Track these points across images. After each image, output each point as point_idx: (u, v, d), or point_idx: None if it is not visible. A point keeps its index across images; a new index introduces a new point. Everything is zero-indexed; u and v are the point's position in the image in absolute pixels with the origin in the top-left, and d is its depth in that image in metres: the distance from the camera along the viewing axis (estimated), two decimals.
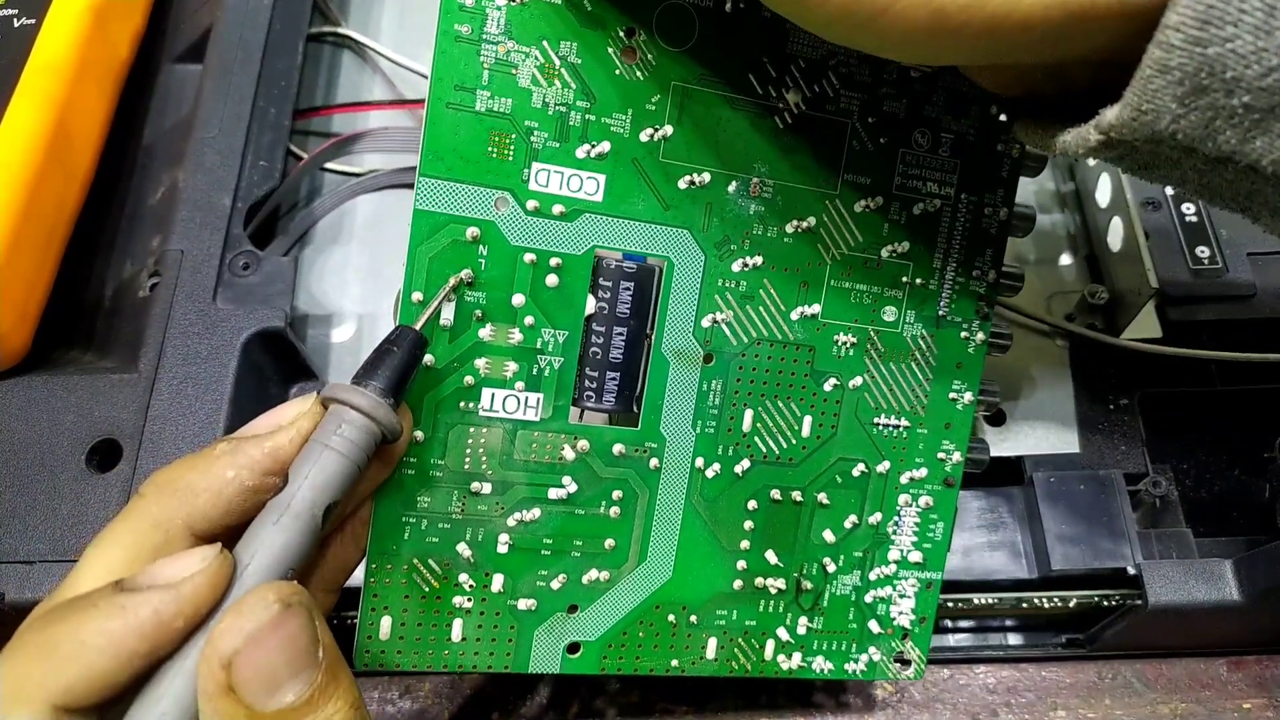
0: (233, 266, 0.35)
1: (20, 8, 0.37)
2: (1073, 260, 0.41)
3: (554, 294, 0.27)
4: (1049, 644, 0.37)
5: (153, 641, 0.20)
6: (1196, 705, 0.36)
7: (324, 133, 0.43)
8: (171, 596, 0.20)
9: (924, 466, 0.30)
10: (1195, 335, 0.37)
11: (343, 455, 0.22)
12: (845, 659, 0.31)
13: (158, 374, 0.33)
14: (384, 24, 0.46)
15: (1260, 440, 0.36)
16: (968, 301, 0.29)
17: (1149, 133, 0.18)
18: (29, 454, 0.32)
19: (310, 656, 0.20)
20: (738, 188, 0.27)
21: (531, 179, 0.26)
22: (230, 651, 0.19)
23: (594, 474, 0.28)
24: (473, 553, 0.27)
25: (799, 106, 0.27)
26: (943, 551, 0.31)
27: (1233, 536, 0.36)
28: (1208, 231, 0.37)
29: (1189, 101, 0.18)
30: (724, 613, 0.30)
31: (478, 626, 0.28)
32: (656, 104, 0.26)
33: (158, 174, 0.40)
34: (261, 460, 0.22)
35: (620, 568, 0.29)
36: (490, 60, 0.25)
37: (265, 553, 0.21)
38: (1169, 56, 0.17)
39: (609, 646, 0.29)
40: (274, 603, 0.20)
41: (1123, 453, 0.37)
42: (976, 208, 0.29)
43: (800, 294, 0.28)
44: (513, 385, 0.27)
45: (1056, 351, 0.39)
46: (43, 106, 0.35)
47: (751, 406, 0.29)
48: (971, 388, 0.30)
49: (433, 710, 0.35)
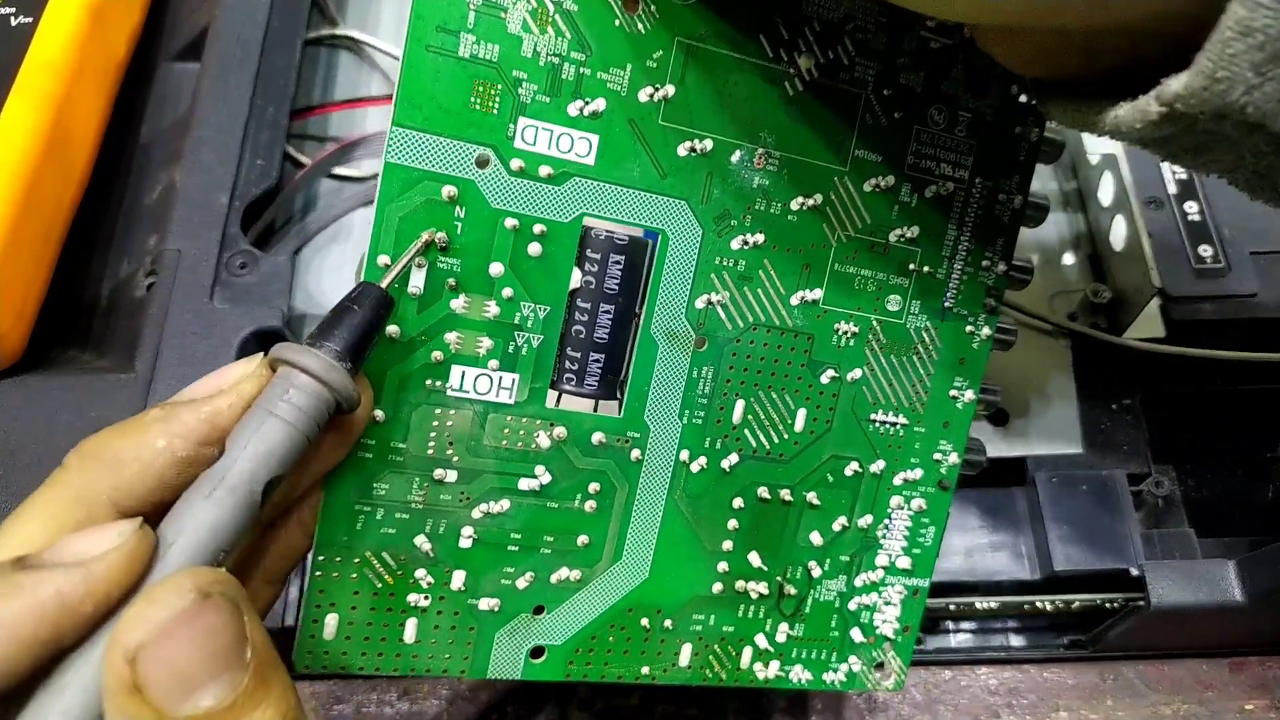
0: (230, 266, 0.35)
1: (18, 6, 0.36)
2: (1075, 259, 0.40)
3: (536, 264, 0.24)
4: (1051, 645, 0.37)
5: (56, 628, 0.17)
6: (1199, 706, 0.36)
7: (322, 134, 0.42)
8: (80, 576, 0.17)
9: (919, 467, 0.28)
10: (1198, 335, 0.37)
11: (289, 424, 0.20)
12: (824, 668, 0.29)
13: (154, 374, 0.32)
14: (382, 22, 0.45)
15: (1263, 440, 0.37)
16: (975, 293, 0.28)
17: (1219, 104, 0.17)
18: (25, 454, 0.31)
19: (234, 656, 0.17)
20: (741, 158, 0.25)
21: (518, 136, 0.23)
22: (135, 645, 0.16)
23: (570, 464, 0.26)
24: (432, 546, 0.25)
25: (811, 73, 0.25)
26: (932, 557, 0.29)
27: (1235, 537, 0.36)
28: (1210, 231, 0.37)
29: (1266, 70, 0.16)
30: (701, 617, 0.28)
31: (434, 627, 0.25)
32: (658, 61, 0.24)
33: (155, 173, 0.39)
34: (197, 428, 0.20)
35: (593, 567, 0.26)
36: (477, 0, 0.22)
37: (193, 530, 0.18)
38: (1253, 16, 0.15)
39: (576, 651, 0.27)
40: (189, 591, 0.17)
41: (1125, 453, 0.37)
42: (991, 193, 0.27)
43: (802, 277, 0.26)
44: (486, 363, 0.24)
45: (1059, 351, 0.38)
46: (40, 105, 0.34)
47: (744, 397, 0.27)
48: (973, 385, 0.28)
49: (431, 712, 0.34)
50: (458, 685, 0.35)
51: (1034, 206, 0.27)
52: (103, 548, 0.18)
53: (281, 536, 0.24)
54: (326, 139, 0.42)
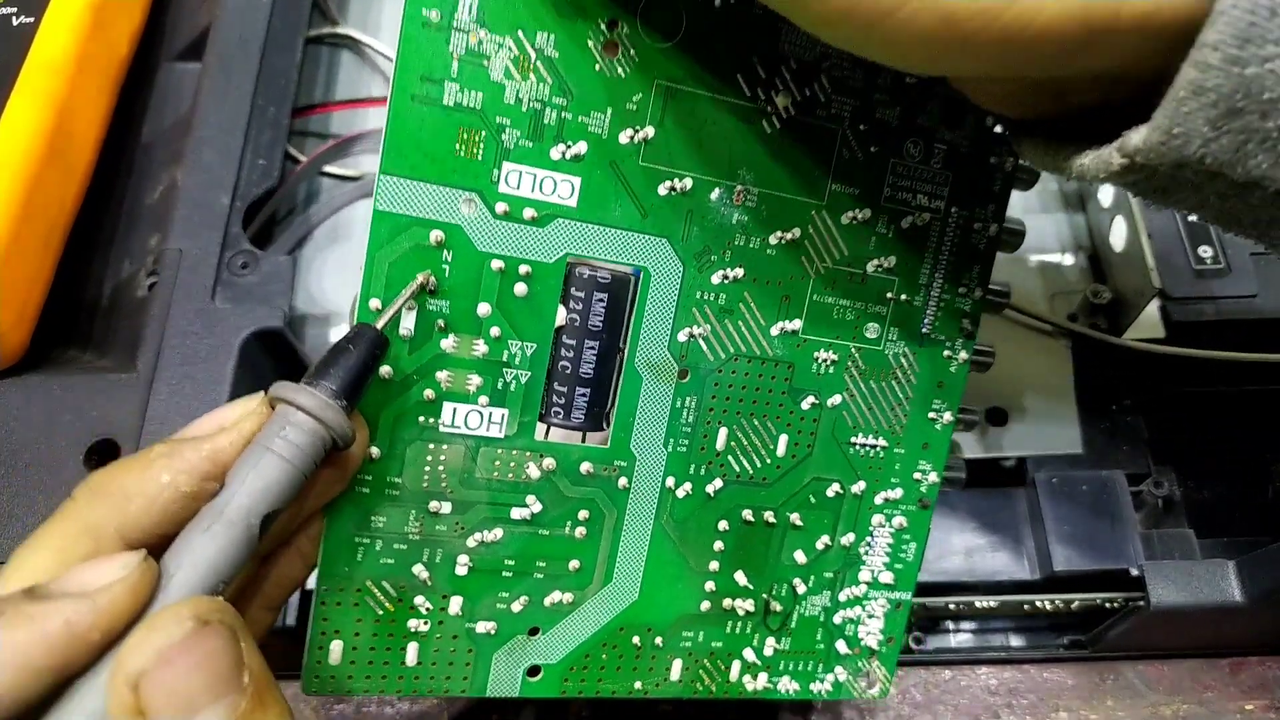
0: (231, 266, 0.35)
1: (19, 6, 0.36)
2: (1075, 260, 0.40)
3: (522, 304, 0.25)
4: (1051, 645, 0.37)
5: (64, 656, 0.18)
6: (1199, 706, 0.36)
7: (323, 133, 0.42)
8: (87, 606, 0.18)
9: (899, 487, 0.29)
10: (1198, 336, 0.36)
11: (285, 460, 0.21)
12: (811, 679, 0.30)
13: (156, 373, 0.32)
14: (383, 22, 0.45)
15: (1263, 441, 0.37)
16: (952, 319, 0.28)
17: (1176, 157, 0.17)
18: (26, 454, 0.31)
19: (232, 680, 0.18)
20: (720, 195, 0.26)
21: (502, 180, 0.24)
22: (137, 671, 0.17)
23: (559, 493, 0.27)
24: (430, 574, 0.26)
25: (788, 110, 0.26)
26: (914, 572, 0.30)
27: (1235, 538, 0.36)
28: (1210, 232, 0.37)
29: (1221, 124, 0.16)
30: (690, 634, 0.29)
31: (434, 650, 0.26)
32: (638, 103, 0.25)
33: (156, 172, 0.39)
34: (199, 465, 0.21)
35: (585, 589, 0.27)
36: (460, 50, 0.23)
37: (194, 562, 0.19)
38: (1205, 77, 0.16)
39: (570, 669, 0.28)
40: (189, 619, 0.18)
41: (1125, 453, 0.37)
42: (966, 222, 0.28)
43: (781, 308, 0.27)
44: (476, 400, 0.25)
45: (1059, 352, 0.38)
46: (41, 105, 0.34)
47: (726, 424, 0.27)
48: (952, 407, 0.29)
49: (432, 712, 0.35)
50: None
51: (1010, 233, 0.28)
52: (109, 579, 0.18)
53: (280, 566, 0.25)
54: (328, 138, 0.42)
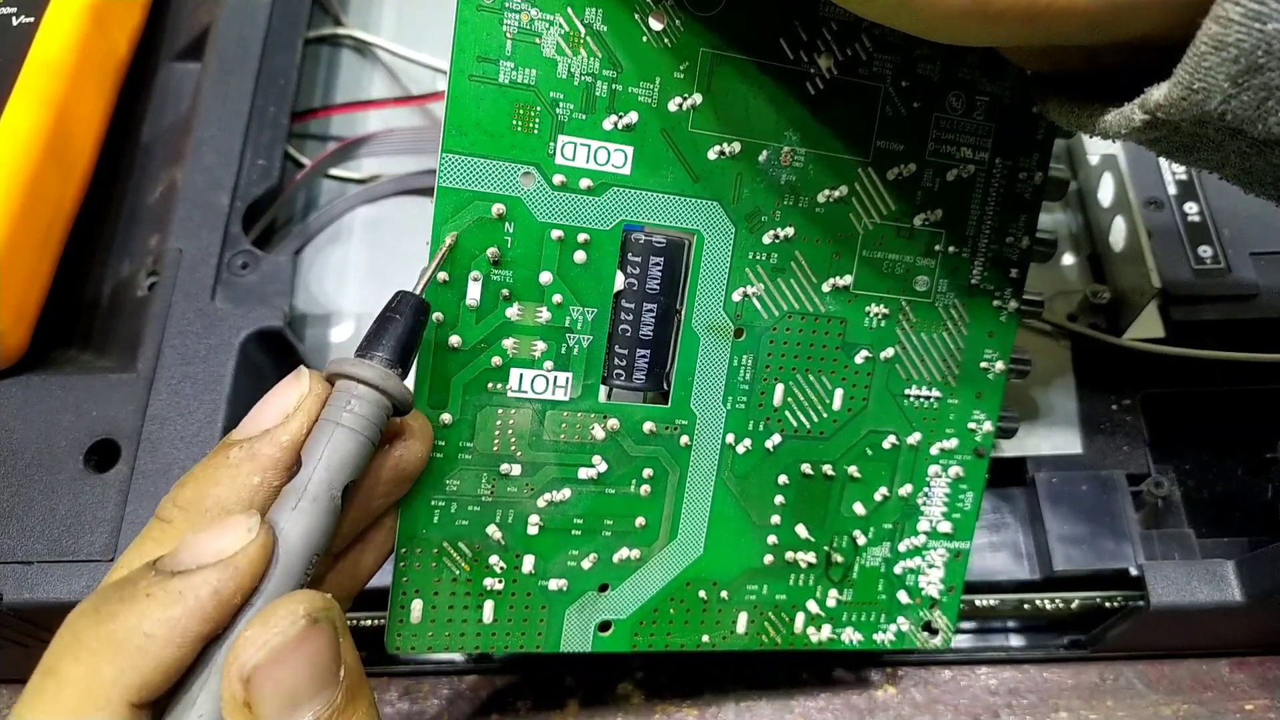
0: (231, 266, 0.35)
1: (19, 6, 0.36)
2: (1075, 260, 0.40)
3: (582, 271, 0.26)
4: (1051, 645, 0.37)
5: (215, 622, 0.19)
6: (1199, 706, 0.35)
7: (324, 134, 0.42)
8: (230, 573, 0.19)
9: (954, 437, 0.30)
10: (1198, 335, 0.36)
11: (356, 431, 0.22)
12: (874, 629, 0.31)
13: (156, 373, 0.32)
14: (384, 20, 0.45)
15: (1263, 441, 0.36)
16: (1000, 269, 0.29)
17: (1198, 112, 0.18)
18: (27, 454, 0.31)
19: (331, 675, 0.19)
20: (768, 157, 0.26)
21: (558, 152, 0.25)
22: (251, 666, 0.18)
23: (624, 452, 0.28)
24: (503, 534, 0.27)
25: (831, 71, 0.26)
26: (972, 521, 0.31)
27: (1235, 537, 0.36)
28: (1210, 231, 0.36)
29: (1242, 80, 0.17)
30: (754, 587, 0.30)
31: (509, 608, 0.28)
32: (685, 72, 0.25)
33: (156, 173, 0.39)
34: (284, 458, 0.21)
35: (651, 546, 0.28)
36: (513, 29, 0.24)
37: (287, 540, 0.21)
38: (1226, 32, 0.17)
39: (640, 624, 0.29)
40: (301, 616, 0.19)
41: (1125, 453, 0.36)
42: (1011, 172, 0.28)
43: (832, 265, 0.28)
44: (541, 365, 0.26)
45: (1059, 351, 0.38)
46: (41, 105, 0.34)
47: (783, 381, 0.28)
48: (1004, 356, 0.30)
49: (432, 711, 0.35)
50: (458, 685, 0.35)
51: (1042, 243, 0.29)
52: (240, 543, 0.19)
53: (357, 556, 0.25)
54: (328, 139, 0.42)
